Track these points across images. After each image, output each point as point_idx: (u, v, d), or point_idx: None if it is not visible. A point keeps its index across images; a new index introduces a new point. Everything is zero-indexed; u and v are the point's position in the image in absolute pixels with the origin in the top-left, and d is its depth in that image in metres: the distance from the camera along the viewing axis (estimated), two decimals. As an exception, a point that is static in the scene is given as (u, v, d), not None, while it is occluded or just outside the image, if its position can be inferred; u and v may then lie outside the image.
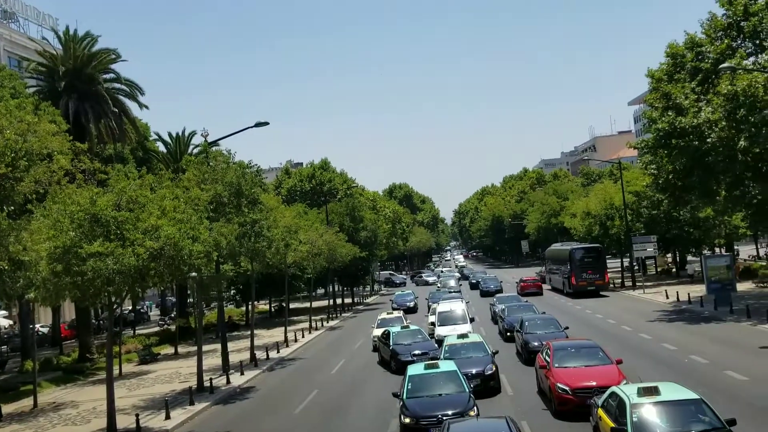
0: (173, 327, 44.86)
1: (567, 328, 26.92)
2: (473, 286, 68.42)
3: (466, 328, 29.57)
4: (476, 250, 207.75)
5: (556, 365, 18.15)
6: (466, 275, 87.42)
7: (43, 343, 45.72)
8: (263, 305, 61.76)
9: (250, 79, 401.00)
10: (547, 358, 18.92)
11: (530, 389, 20.29)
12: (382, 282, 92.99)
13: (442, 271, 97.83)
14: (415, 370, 18.52)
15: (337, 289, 64.20)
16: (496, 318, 36.86)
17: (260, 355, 32.66)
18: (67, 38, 39.07)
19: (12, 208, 22.88)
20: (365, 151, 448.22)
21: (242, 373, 28.22)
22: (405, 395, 17.17)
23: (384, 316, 35.78)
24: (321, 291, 69.35)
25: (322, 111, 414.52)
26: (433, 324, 33.31)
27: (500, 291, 54.87)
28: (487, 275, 72.53)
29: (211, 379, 25.85)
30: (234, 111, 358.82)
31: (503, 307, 34.36)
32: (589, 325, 34.30)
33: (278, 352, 34.34)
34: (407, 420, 16.25)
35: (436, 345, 26.87)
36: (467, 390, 17.10)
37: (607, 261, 55.88)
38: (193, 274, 23.16)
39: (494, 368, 20.90)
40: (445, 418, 14.99)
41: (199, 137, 39.58)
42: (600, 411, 13.87)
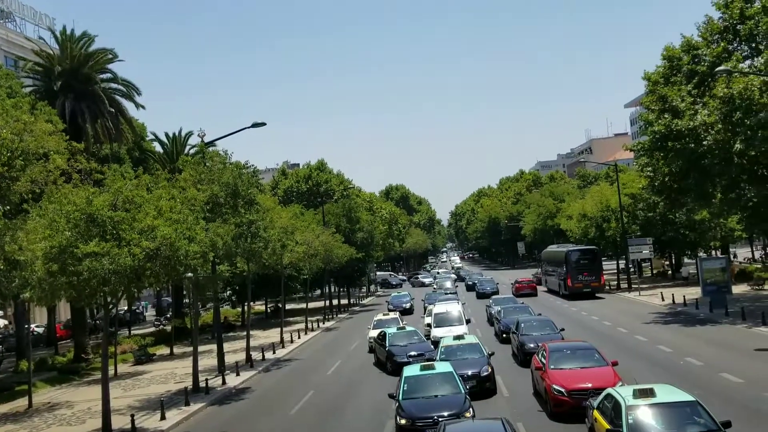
0: (169, 327, 44.80)
1: (563, 329, 26.92)
2: (469, 288, 68.36)
3: (462, 329, 29.56)
4: (472, 252, 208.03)
5: (552, 367, 18.18)
6: (462, 277, 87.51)
7: (39, 343, 45.56)
8: (259, 306, 61.71)
9: (250, 79, 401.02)
10: (542, 359, 18.94)
11: (526, 391, 20.31)
12: (379, 282, 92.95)
13: (438, 273, 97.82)
14: (411, 371, 18.52)
15: (333, 290, 64.19)
16: (492, 319, 36.88)
17: (256, 355, 32.61)
18: (63, 38, 39.02)
19: (8, 207, 22.89)
20: (363, 152, 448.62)
21: (238, 374, 28.18)
22: (401, 396, 17.17)
23: (380, 317, 35.75)
24: (317, 292, 69.34)
25: (321, 111, 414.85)
26: (429, 325, 33.28)
27: (496, 293, 54.85)
28: (484, 277, 72.52)
29: (206, 379, 25.82)
30: (233, 111, 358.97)
31: (499, 309, 34.35)
32: (585, 326, 34.32)
33: (274, 352, 34.32)
34: (403, 421, 16.25)
35: (432, 346, 26.86)
36: (463, 391, 17.11)
37: (603, 263, 56.01)
38: (189, 274, 23.19)
39: (490, 370, 20.94)
40: (440, 419, 14.99)
41: (196, 137, 39.57)
42: (595, 413, 13.90)
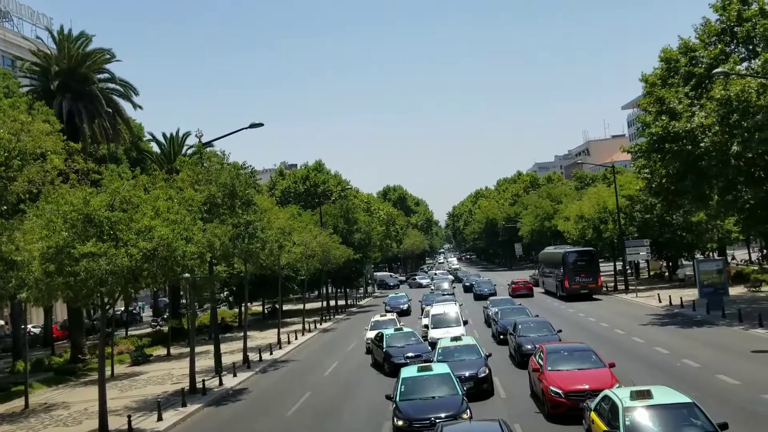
0: (166, 328, 44.72)
1: (560, 331, 26.94)
2: (467, 289, 68.29)
3: (459, 330, 29.58)
4: (470, 253, 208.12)
5: (549, 368, 18.17)
6: (459, 278, 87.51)
7: (35, 343, 45.48)
8: (256, 307, 61.61)
9: (249, 79, 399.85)
10: (540, 361, 18.94)
11: (523, 392, 20.30)
12: (377, 283, 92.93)
13: (435, 274, 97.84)
14: (409, 372, 18.50)
15: (330, 291, 64.15)
16: (489, 321, 36.87)
17: (253, 356, 32.58)
18: (61, 38, 38.95)
19: (5, 207, 22.85)
20: (361, 153, 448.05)
21: (235, 375, 28.15)
22: (398, 397, 17.15)
23: (377, 318, 35.74)
24: (314, 293, 69.28)
25: (320, 111, 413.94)
26: (426, 326, 33.30)
27: (494, 294, 54.68)
28: (481, 278, 72.31)
29: (203, 380, 25.79)
30: (233, 111, 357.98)
31: (496, 310, 34.33)
32: (582, 328, 34.34)
33: (271, 353, 34.28)
34: (400, 422, 16.23)
35: (430, 347, 26.88)
36: (460, 393, 17.09)
37: (600, 265, 56.05)
38: (187, 275, 23.15)
39: (487, 371, 20.92)
40: (438, 420, 14.99)
41: (194, 138, 39.49)
42: (593, 414, 13.90)
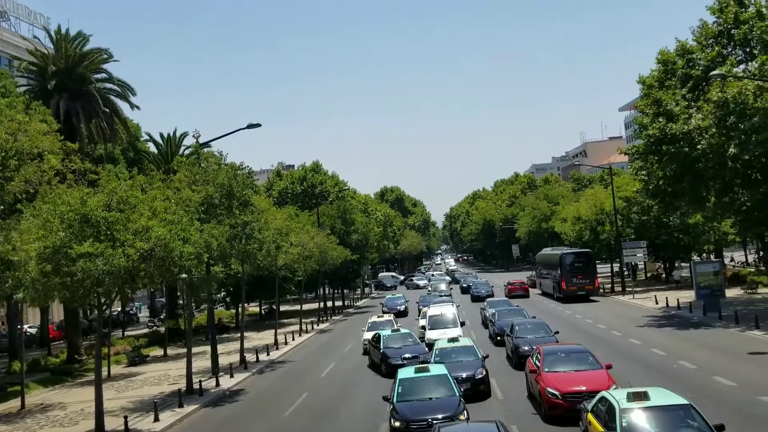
0: (162, 329, 44.68)
1: (557, 332, 26.96)
2: (464, 290, 68.22)
3: (456, 331, 29.56)
4: (467, 254, 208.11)
5: (546, 370, 18.18)
6: (457, 279, 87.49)
7: (31, 343, 45.41)
8: (253, 307, 61.59)
9: (249, 79, 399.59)
10: (537, 362, 18.94)
11: (520, 393, 20.31)
12: (375, 283, 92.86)
13: (433, 275, 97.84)
14: (406, 373, 18.50)
15: (327, 291, 64.12)
16: (486, 322, 36.84)
17: (250, 357, 32.55)
18: (58, 37, 38.89)
19: (2, 207, 22.81)
20: (359, 154, 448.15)
21: (232, 376, 28.11)
22: (395, 399, 17.14)
23: (374, 319, 35.68)
24: (312, 294, 69.23)
25: (319, 112, 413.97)
26: (423, 328, 33.27)
27: (491, 295, 54.67)
28: (479, 279, 72.30)
29: (200, 381, 25.73)
30: (232, 111, 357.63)
31: (494, 312, 34.33)
32: (579, 329, 34.37)
33: (268, 354, 34.24)
34: (397, 423, 16.23)
35: (427, 349, 26.85)
36: (457, 394, 17.10)
37: (597, 266, 56.09)
38: (184, 275, 23.12)
39: (484, 372, 20.92)
40: (435, 421, 14.97)
41: (191, 138, 39.43)
42: (589, 416, 13.90)
